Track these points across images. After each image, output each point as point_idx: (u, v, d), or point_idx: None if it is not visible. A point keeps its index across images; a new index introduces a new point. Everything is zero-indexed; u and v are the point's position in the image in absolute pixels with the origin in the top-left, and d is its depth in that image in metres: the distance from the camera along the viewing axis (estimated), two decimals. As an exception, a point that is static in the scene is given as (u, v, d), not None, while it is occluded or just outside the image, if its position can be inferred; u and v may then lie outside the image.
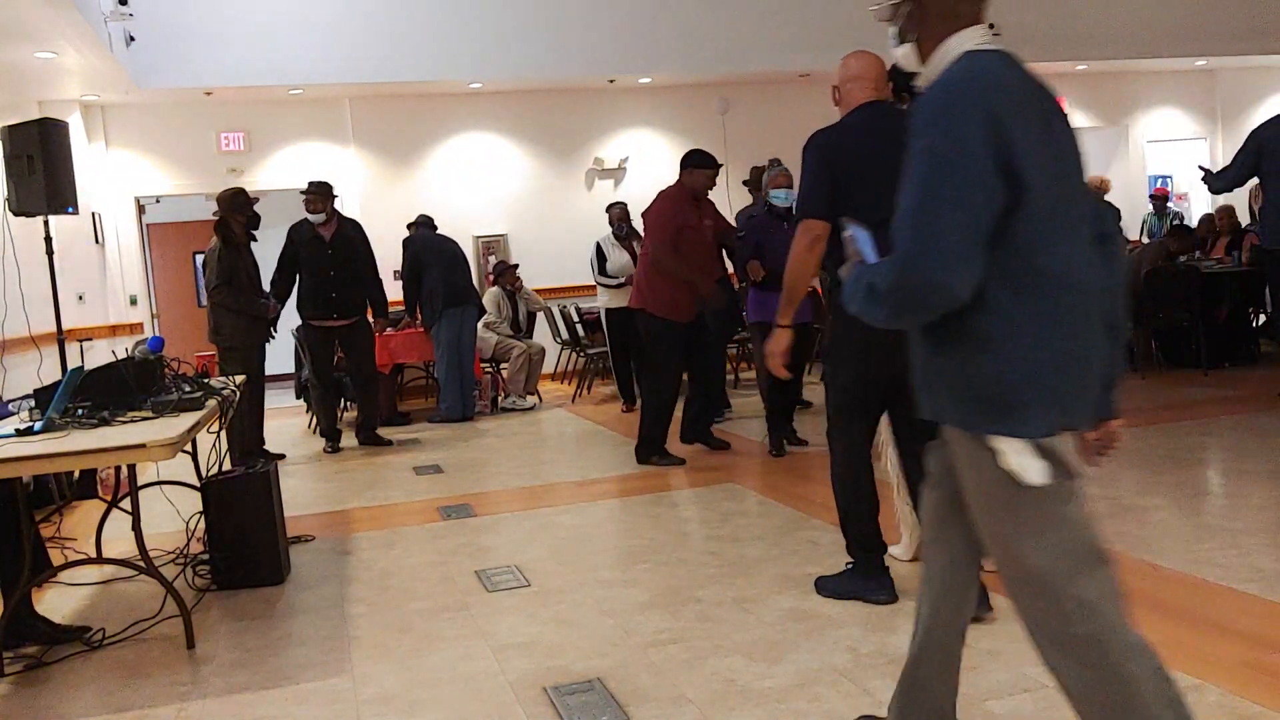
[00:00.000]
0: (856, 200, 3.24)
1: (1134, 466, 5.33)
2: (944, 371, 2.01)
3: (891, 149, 3.09)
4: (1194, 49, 11.81)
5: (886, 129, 3.36)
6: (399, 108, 10.37)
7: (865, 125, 3.46)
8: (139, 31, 8.36)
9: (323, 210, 7.24)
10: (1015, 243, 1.92)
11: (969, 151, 1.87)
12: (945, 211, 1.87)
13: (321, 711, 3.07)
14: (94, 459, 3.40)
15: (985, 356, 1.94)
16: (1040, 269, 1.94)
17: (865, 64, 3.53)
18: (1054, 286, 1.95)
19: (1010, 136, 1.88)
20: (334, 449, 7.45)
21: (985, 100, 1.90)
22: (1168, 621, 3.25)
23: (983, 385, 1.95)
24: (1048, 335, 1.94)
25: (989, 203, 1.88)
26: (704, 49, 10.32)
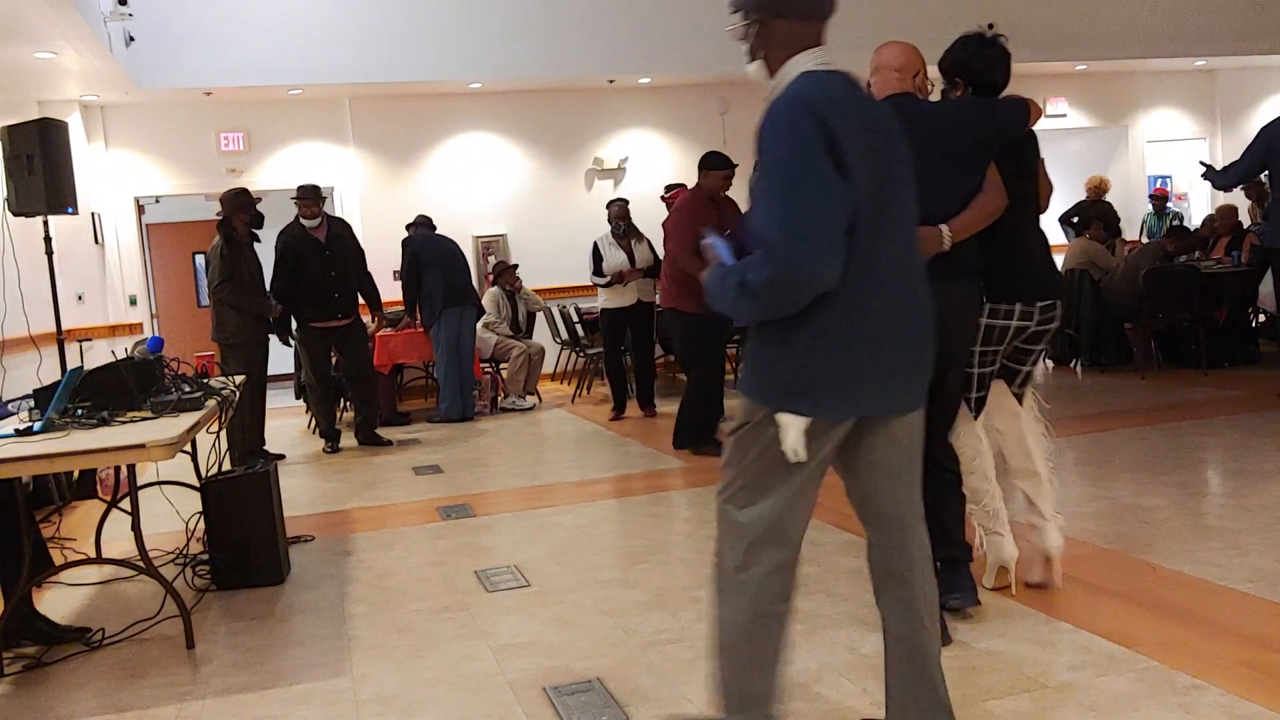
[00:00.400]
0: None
1: (1134, 466, 5.33)
2: (762, 355, 2.27)
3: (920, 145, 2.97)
4: (1194, 49, 11.81)
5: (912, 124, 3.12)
6: (399, 108, 10.37)
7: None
8: (138, 31, 8.36)
9: (319, 214, 7.26)
10: (854, 245, 2.16)
11: (817, 155, 2.10)
12: (813, 209, 2.08)
13: (321, 712, 3.07)
14: (93, 459, 3.40)
15: (797, 348, 2.21)
16: (871, 270, 2.19)
17: (893, 54, 3.33)
18: (874, 288, 2.20)
19: (840, 146, 2.12)
20: (334, 449, 7.45)
21: (818, 112, 2.13)
22: (1167, 622, 3.25)
23: (796, 367, 2.21)
24: (864, 335, 2.20)
25: (845, 198, 2.12)
26: (703, 49, 10.31)
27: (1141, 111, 12.85)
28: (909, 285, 2.29)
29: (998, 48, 3.37)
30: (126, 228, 9.97)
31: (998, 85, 3.38)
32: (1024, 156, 3.39)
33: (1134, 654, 3.01)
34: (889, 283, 2.22)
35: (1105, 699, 2.74)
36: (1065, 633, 3.20)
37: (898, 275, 2.25)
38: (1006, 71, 3.38)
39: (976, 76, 3.37)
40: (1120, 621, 3.27)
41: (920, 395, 2.36)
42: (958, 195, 3.17)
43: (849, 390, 2.22)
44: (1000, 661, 3.03)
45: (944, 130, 3.16)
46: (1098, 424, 6.51)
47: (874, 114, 2.24)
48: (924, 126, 3.12)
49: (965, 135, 3.18)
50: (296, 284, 7.17)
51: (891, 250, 2.23)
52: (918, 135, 3.07)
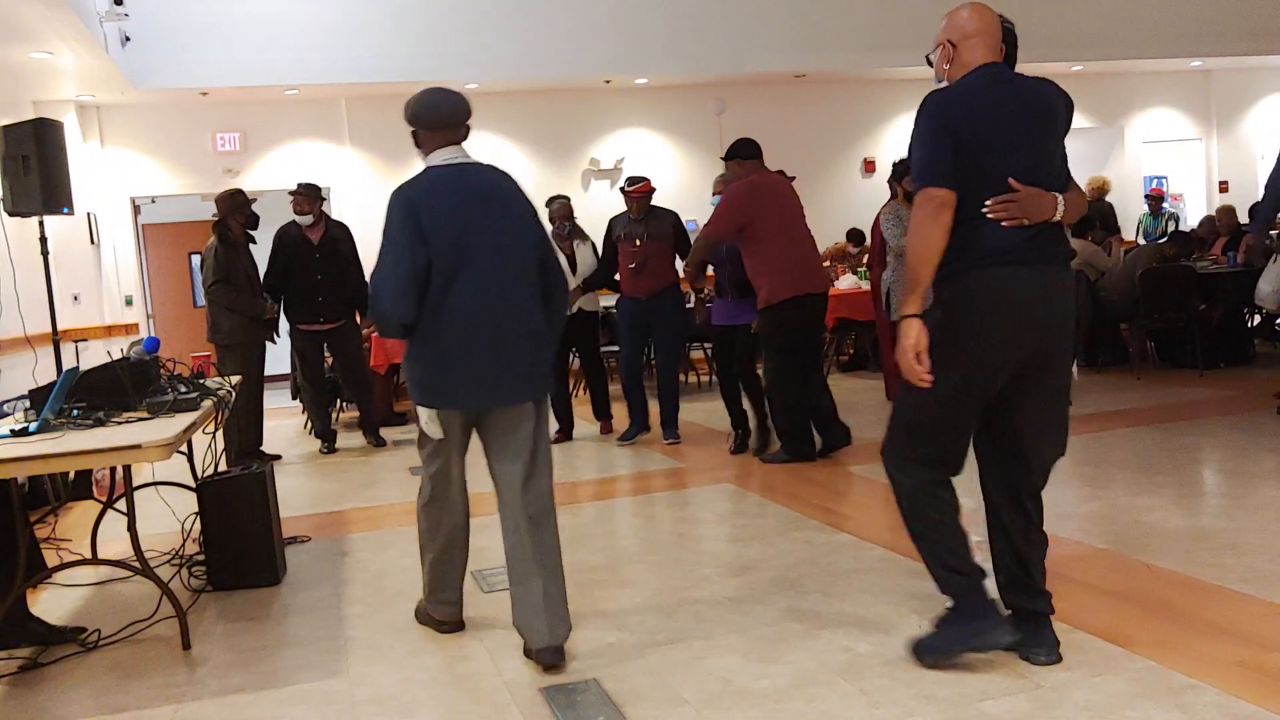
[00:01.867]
0: (977, 176, 2.87)
1: (1129, 467, 5.34)
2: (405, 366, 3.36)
3: (1019, 118, 2.91)
4: (1189, 50, 11.83)
5: (1010, 95, 2.95)
6: (395, 108, 10.21)
7: (987, 88, 2.95)
8: (134, 31, 8.35)
9: (310, 212, 7.23)
10: (431, 288, 3.18)
11: (403, 231, 3.18)
12: (388, 270, 3.19)
13: (317, 712, 3.06)
14: (89, 460, 3.40)
15: (413, 361, 3.30)
16: (444, 306, 3.19)
17: (986, 20, 3.02)
18: (454, 315, 3.19)
19: (421, 220, 3.18)
20: (329, 450, 7.44)
21: (413, 195, 3.25)
22: (1163, 621, 3.26)
23: (415, 376, 3.30)
24: (445, 348, 3.21)
25: (414, 260, 3.15)
26: (700, 49, 10.33)
27: (1137, 112, 12.86)
28: (489, 312, 3.22)
29: (1011, 35, 3.21)
30: (122, 228, 9.95)
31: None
32: None
33: (1130, 654, 3.02)
34: (463, 313, 3.19)
35: (1101, 699, 2.75)
36: (1061, 632, 3.19)
37: (474, 305, 3.20)
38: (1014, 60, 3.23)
39: None
40: (1116, 621, 3.27)
41: (512, 394, 3.27)
42: (1055, 170, 2.98)
43: (445, 391, 3.26)
44: (997, 662, 3.03)
45: (1034, 100, 2.98)
46: (1093, 424, 6.52)
47: (471, 190, 3.32)
48: (1018, 92, 2.96)
49: (1046, 111, 3.00)
50: (285, 283, 7.19)
51: (469, 285, 3.20)
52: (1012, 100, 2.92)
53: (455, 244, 3.18)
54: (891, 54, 10.32)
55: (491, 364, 3.21)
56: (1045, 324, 2.89)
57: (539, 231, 3.42)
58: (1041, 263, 2.90)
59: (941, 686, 2.89)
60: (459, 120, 3.45)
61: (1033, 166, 2.91)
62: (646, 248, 6.68)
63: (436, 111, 3.43)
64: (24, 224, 5.94)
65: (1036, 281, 2.88)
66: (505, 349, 3.22)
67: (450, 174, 3.33)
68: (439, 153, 3.41)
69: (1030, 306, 2.86)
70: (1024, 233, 2.87)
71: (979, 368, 2.89)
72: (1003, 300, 2.86)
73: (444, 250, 3.17)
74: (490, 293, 3.22)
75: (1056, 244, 2.95)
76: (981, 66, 2.99)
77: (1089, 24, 11.26)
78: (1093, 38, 11.32)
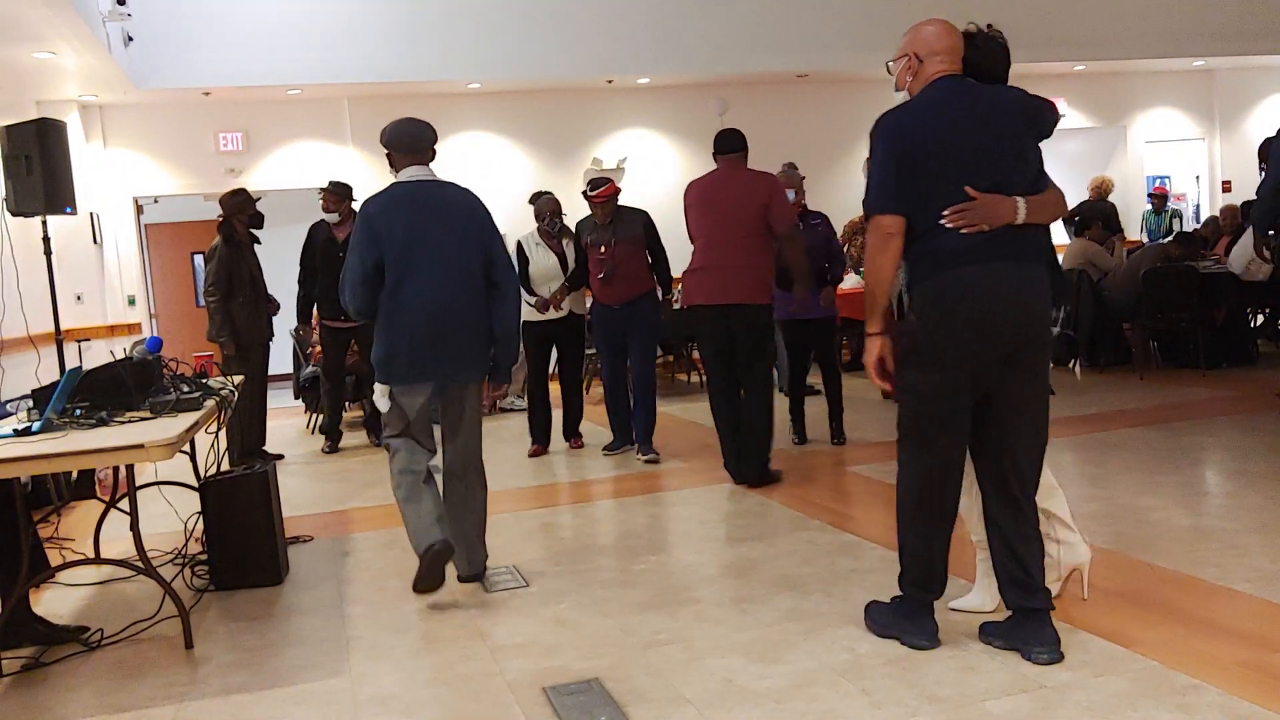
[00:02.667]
0: (937, 189, 2.96)
1: (1132, 467, 5.33)
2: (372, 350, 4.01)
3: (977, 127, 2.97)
4: (1192, 49, 11.82)
5: (968, 105, 3.03)
6: (397, 108, 10.28)
7: (943, 102, 3.05)
8: (137, 31, 8.35)
9: (336, 210, 7.23)
10: (387, 285, 3.86)
11: (363, 238, 3.85)
12: (350, 268, 3.87)
13: (319, 712, 3.07)
14: (92, 459, 3.40)
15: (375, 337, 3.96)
16: (397, 300, 3.85)
17: (953, 38, 3.12)
18: (404, 308, 3.84)
19: (378, 228, 3.84)
20: (333, 448, 7.45)
21: (371, 208, 3.90)
22: (1165, 621, 3.25)
23: (375, 357, 3.94)
24: (396, 335, 3.86)
25: (367, 260, 3.83)
26: (702, 50, 10.33)
27: (1140, 111, 12.86)
28: (434, 306, 3.85)
29: (996, 43, 3.28)
30: (125, 228, 9.96)
31: (1001, 80, 3.26)
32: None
33: (1132, 654, 3.02)
34: (416, 304, 3.84)
35: (1103, 699, 2.75)
36: (1063, 632, 3.19)
37: (427, 299, 3.84)
38: (1008, 66, 3.28)
39: (976, 72, 3.22)
40: (1118, 621, 3.27)
41: (448, 372, 3.93)
42: (1024, 175, 3.01)
43: (399, 369, 3.89)
44: (999, 661, 3.03)
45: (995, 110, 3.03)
46: (1096, 424, 6.51)
47: (429, 203, 3.92)
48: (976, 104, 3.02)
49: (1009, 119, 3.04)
50: (313, 280, 7.21)
51: (418, 283, 3.84)
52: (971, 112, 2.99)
53: (407, 248, 3.84)
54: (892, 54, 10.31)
55: (435, 350, 3.89)
56: (1019, 316, 2.96)
57: (487, 242, 4.00)
58: (1008, 258, 2.95)
59: (943, 687, 2.89)
60: (425, 146, 4.04)
61: (993, 174, 2.97)
62: (615, 253, 6.25)
63: (405, 138, 4.01)
64: (27, 224, 5.94)
65: (1004, 276, 2.94)
66: (448, 338, 3.90)
67: (411, 189, 3.96)
68: (406, 171, 4.01)
69: (999, 300, 2.94)
70: (986, 233, 2.93)
71: (958, 365, 2.98)
72: (970, 297, 2.94)
73: (397, 254, 3.84)
74: (436, 290, 3.87)
75: (1026, 241, 2.99)
76: (938, 80, 3.08)
77: (1092, 24, 11.25)
78: (1095, 38, 11.31)
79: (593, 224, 6.46)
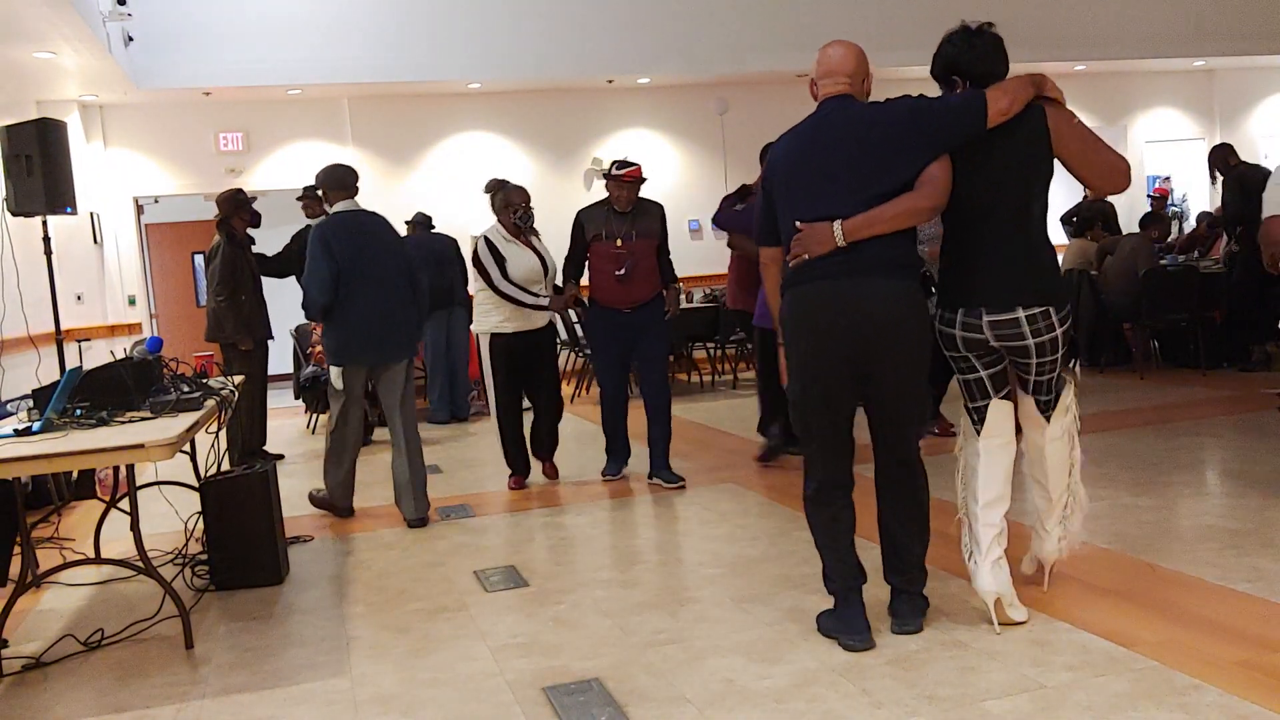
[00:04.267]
0: (784, 215, 3.17)
1: (1132, 466, 5.33)
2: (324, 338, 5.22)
3: (825, 148, 3.10)
4: (1192, 49, 11.82)
5: (837, 124, 3.13)
6: (397, 108, 10.37)
7: (814, 125, 3.18)
8: (137, 31, 8.36)
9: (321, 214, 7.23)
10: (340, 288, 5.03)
11: (321, 253, 5.02)
12: (316, 274, 5.02)
13: (320, 712, 3.07)
14: (92, 459, 3.40)
15: (328, 335, 5.13)
16: (348, 300, 5.03)
17: (840, 55, 3.21)
18: (352, 308, 5.05)
19: (331, 246, 5.02)
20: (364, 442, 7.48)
21: (325, 230, 5.08)
22: (1166, 621, 3.25)
23: (329, 345, 5.15)
24: (350, 329, 5.06)
25: (329, 271, 4.99)
26: (702, 49, 10.33)
27: (1140, 111, 12.86)
28: (379, 304, 5.09)
29: (987, 37, 3.23)
30: (125, 228, 9.96)
31: (999, 75, 3.21)
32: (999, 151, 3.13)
33: (1132, 654, 3.02)
34: (362, 304, 5.05)
35: (1103, 699, 2.75)
36: (1063, 632, 3.20)
37: (369, 300, 5.07)
38: (1005, 61, 3.23)
39: (970, 70, 3.21)
40: (1119, 621, 3.27)
41: (387, 355, 5.17)
42: (868, 194, 3.05)
43: (346, 353, 5.12)
44: (999, 661, 3.03)
45: (861, 127, 3.09)
46: (1096, 424, 6.51)
47: (360, 224, 5.19)
48: (839, 124, 3.13)
49: (878, 134, 3.07)
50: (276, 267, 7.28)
51: (367, 287, 5.07)
52: (831, 134, 3.12)
53: (353, 261, 5.05)
54: (892, 53, 10.32)
55: (377, 337, 5.12)
56: (856, 329, 3.06)
57: (408, 256, 5.32)
58: (845, 274, 3.06)
59: (943, 686, 2.89)
60: (352, 183, 5.28)
61: (830, 196, 3.09)
62: (635, 248, 5.55)
63: (338, 179, 5.26)
64: (27, 224, 5.94)
65: (837, 291, 3.07)
66: (386, 328, 5.13)
67: (347, 217, 5.21)
68: (340, 203, 5.24)
69: (830, 314, 3.07)
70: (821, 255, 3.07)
71: (807, 374, 3.16)
72: (802, 312, 3.12)
73: (346, 264, 5.04)
74: (376, 292, 5.10)
75: (864, 257, 3.05)
76: (822, 103, 3.22)
77: (1092, 24, 11.25)
78: (1096, 37, 11.31)
79: (605, 213, 5.64)
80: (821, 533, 3.28)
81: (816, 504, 3.27)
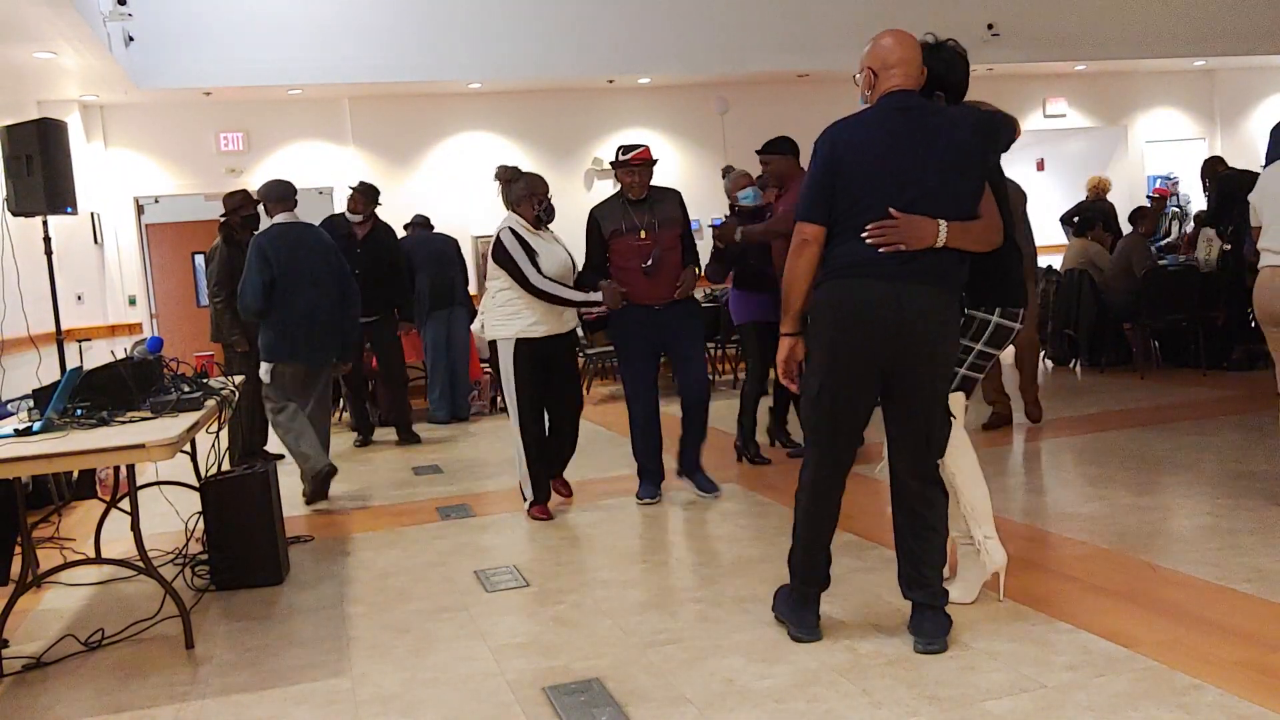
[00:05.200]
0: (856, 203, 3.04)
1: (1133, 466, 5.33)
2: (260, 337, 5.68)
3: (908, 148, 3.03)
4: (1193, 49, 11.81)
5: (907, 125, 3.07)
6: (398, 107, 10.37)
7: (882, 119, 3.11)
8: (138, 31, 8.35)
9: (362, 211, 7.51)
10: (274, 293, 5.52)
11: (257, 262, 5.52)
12: (250, 281, 5.53)
13: (320, 712, 3.07)
14: (93, 459, 3.40)
15: (264, 334, 5.62)
16: (283, 304, 5.54)
17: (907, 49, 3.15)
18: (286, 311, 5.54)
19: (268, 255, 5.53)
20: (364, 441, 7.68)
21: (261, 241, 5.59)
22: (1166, 621, 3.25)
23: (264, 343, 5.62)
24: (283, 328, 5.55)
25: (263, 278, 5.50)
26: (703, 49, 10.32)
27: (1141, 111, 12.84)
28: (310, 309, 5.56)
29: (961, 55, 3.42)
30: (126, 228, 9.96)
31: (963, 90, 3.42)
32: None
33: (1133, 654, 3.02)
34: (298, 306, 5.54)
35: (1104, 699, 2.75)
36: (1064, 632, 3.20)
37: (305, 304, 5.55)
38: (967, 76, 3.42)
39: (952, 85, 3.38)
40: (1119, 621, 3.27)
41: (315, 356, 5.64)
42: (949, 199, 3.06)
43: (276, 351, 5.55)
44: (999, 661, 3.03)
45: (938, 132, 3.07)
46: (1097, 424, 6.51)
47: (297, 236, 5.68)
48: (917, 121, 3.07)
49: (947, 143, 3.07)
50: None
51: (295, 292, 5.54)
52: (922, 129, 3.04)
53: (287, 269, 5.55)
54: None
55: (307, 340, 5.58)
56: (896, 335, 3.00)
57: (341, 265, 5.82)
58: (897, 278, 2.99)
59: (944, 687, 2.89)
60: (290, 196, 5.81)
61: (918, 194, 3.01)
62: (659, 238, 5.13)
63: (277, 193, 5.81)
64: (28, 224, 5.94)
65: (886, 293, 3.00)
66: (315, 332, 5.60)
67: (286, 229, 5.70)
68: (279, 215, 5.75)
69: (874, 315, 3.00)
70: (878, 250, 2.99)
71: (834, 372, 3.08)
72: (846, 308, 3.03)
73: (281, 271, 5.54)
74: (307, 298, 5.57)
75: (927, 262, 3.01)
76: (887, 95, 3.12)
77: (1092, 24, 11.23)
78: (1096, 38, 11.30)
79: (621, 206, 5.22)
80: (805, 524, 3.23)
81: (812, 495, 3.20)
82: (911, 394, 3.10)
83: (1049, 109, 12.39)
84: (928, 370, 3.08)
